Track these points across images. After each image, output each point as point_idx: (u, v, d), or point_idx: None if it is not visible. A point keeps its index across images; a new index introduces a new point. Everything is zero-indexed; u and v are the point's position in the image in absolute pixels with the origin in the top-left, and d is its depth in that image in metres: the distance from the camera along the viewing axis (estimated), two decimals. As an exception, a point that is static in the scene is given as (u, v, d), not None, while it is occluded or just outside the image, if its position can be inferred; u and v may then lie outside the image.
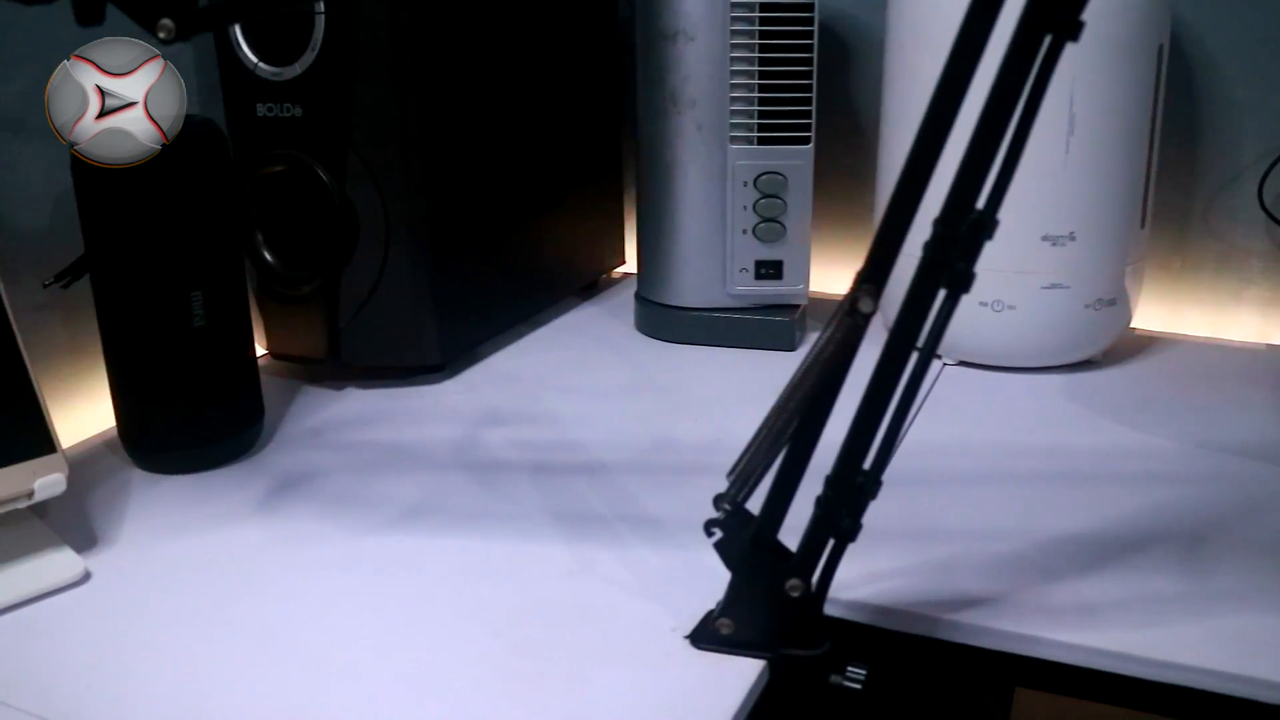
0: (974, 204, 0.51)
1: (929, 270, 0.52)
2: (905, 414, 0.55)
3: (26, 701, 0.60)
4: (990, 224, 0.51)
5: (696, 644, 0.61)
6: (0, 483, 0.69)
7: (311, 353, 1.01)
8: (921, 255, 0.52)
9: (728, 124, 1.04)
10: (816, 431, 0.55)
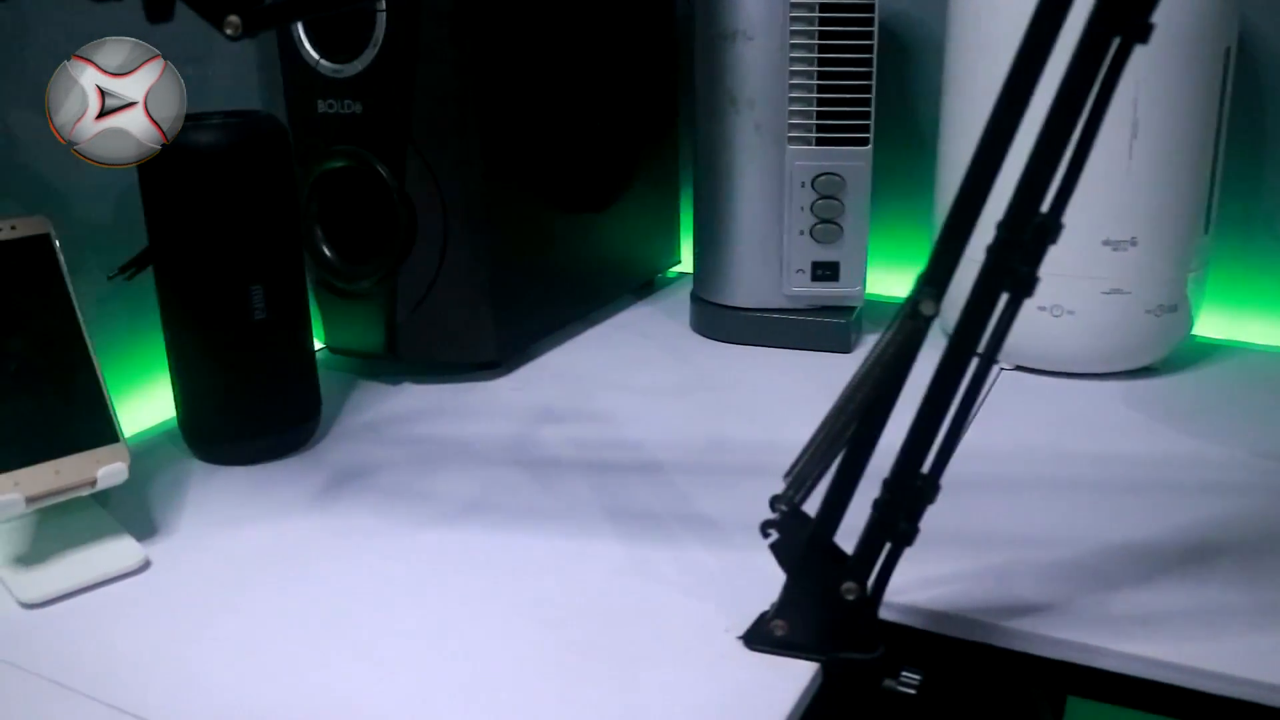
0: (1038, 207, 0.51)
1: (991, 274, 0.52)
2: (965, 418, 0.55)
3: (86, 685, 0.61)
4: (1055, 228, 0.51)
5: (750, 645, 0.61)
6: (64, 470, 0.70)
7: (369, 348, 1.02)
8: (984, 258, 0.52)
9: (786, 124, 1.04)
10: (875, 435, 0.55)
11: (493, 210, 0.98)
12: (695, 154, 1.11)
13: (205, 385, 0.86)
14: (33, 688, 0.61)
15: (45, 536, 0.74)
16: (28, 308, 0.74)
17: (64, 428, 0.72)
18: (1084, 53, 0.48)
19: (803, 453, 0.58)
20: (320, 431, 0.92)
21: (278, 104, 1.03)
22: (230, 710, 0.58)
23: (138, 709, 0.58)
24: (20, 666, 0.63)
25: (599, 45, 1.12)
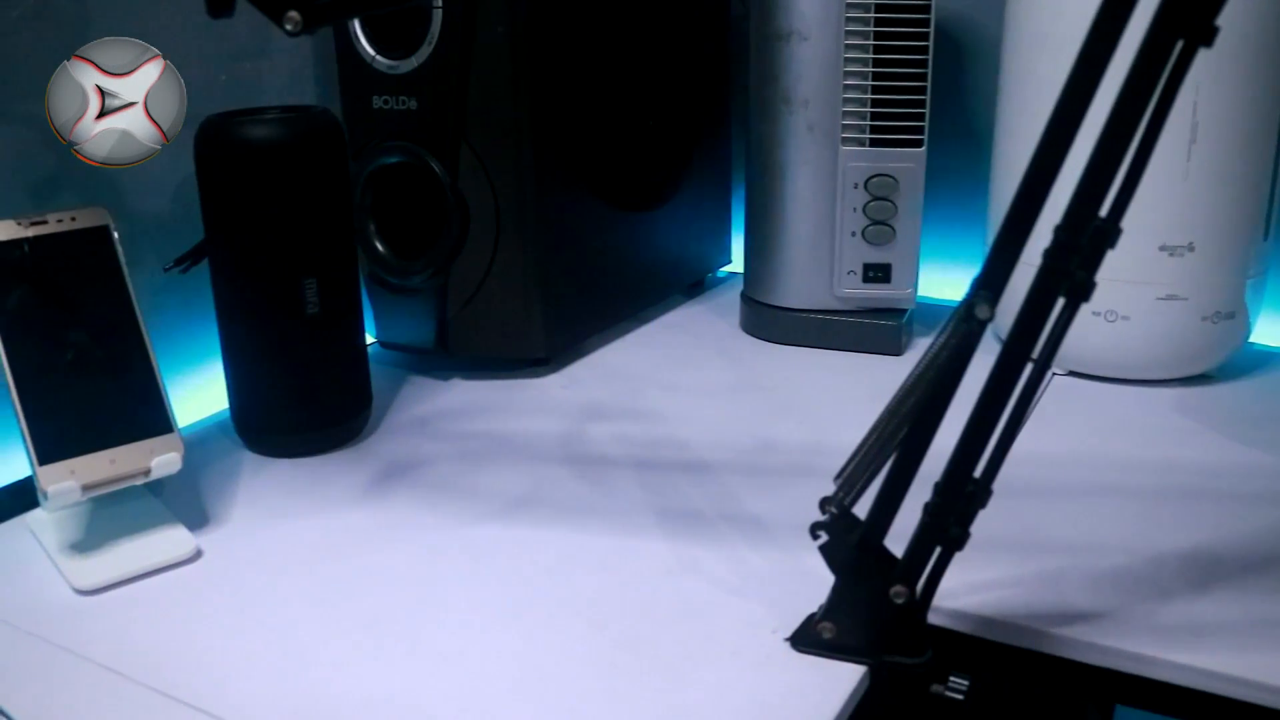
0: (1097, 211, 0.50)
1: (1048, 278, 0.51)
2: (1018, 424, 0.54)
3: (137, 672, 0.61)
4: (1113, 232, 0.50)
5: (797, 647, 0.61)
6: (119, 460, 0.71)
7: (420, 343, 1.02)
8: (1041, 262, 0.52)
9: (840, 125, 1.03)
10: (927, 438, 0.55)
11: (545, 207, 0.98)
12: (748, 154, 1.11)
13: (258, 378, 0.87)
14: (85, 673, 0.62)
15: (99, 524, 0.75)
16: (86, 298, 0.74)
17: (120, 417, 0.73)
18: (1147, 55, 0.48)
19: (853, 455, 0.57)
20: (370, 425, 0.92)
21: (333, 99, 1.03)
22: (280, 700, 0.58)
23: (188, 696, 0.59)
24: (74, 652, 0.64)
25: (653, 44, 1.12)
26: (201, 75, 0.99)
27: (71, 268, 0.74)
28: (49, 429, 0.70)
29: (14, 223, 0.73)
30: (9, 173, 0.86)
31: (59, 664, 0.63)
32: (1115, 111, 0.49)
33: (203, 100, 0.93)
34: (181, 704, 0.59)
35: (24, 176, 0.87)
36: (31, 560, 0.74)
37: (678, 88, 1.17)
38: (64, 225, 0.75)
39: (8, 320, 0.71)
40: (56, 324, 0.73)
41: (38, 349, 0.71)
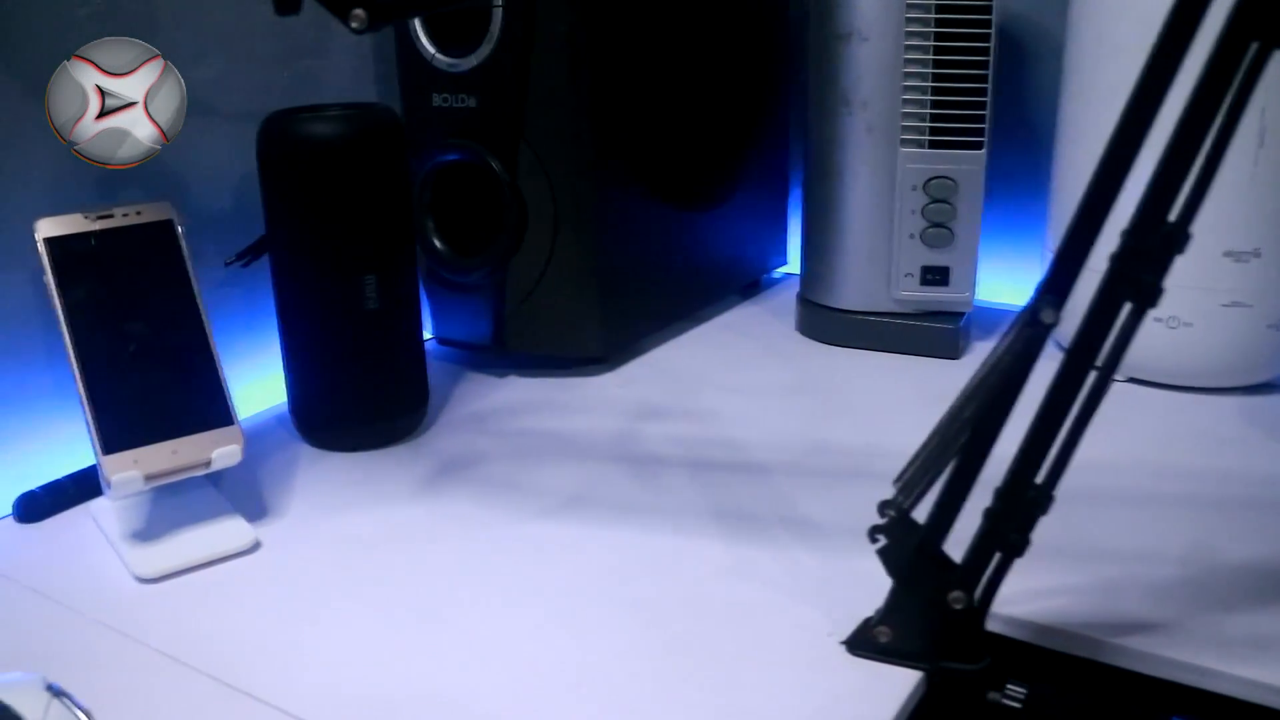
0: (1166, 216, 0.50)
1: (1115, 283, 0.51)
2: (1081, 430, 0.54)
3: (195, 659, 0.62)
4: (1183, 237, 0.50)
5: (853, 651, 0.60)
6: (181, 451, 0.72)
7: (476, 339, 1.03)
8: (1108, 267, 0.51)
9: (899, 126, 1.03)
10: (989, 444, 0.54)
11: (603, 206, 0.98)
12: (806, 155, 1.11)
13: (317, 372, 0.87)
14: (144, 659, 0.63)
15: (160, 514, 0.75)
16: (150, 291, 0.75)
17: (182, 409, 0.73)
18: (1221, 58, 0.47)
19: (913, 459, 0.57)
20: (427, 421, 0.93)
21: (393, 97, 1.04)
22: (335, 691, 0.59)
23: (245, 685, 0.60)
24: (133, 638, 0.64)
25: (712, 44, 1.12)
26: (263, 72, 1.00)
27: (136, 261, 0.75)
28: (113, 419, 0.71)
29: (81, 216, 0.74)
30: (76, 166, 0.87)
31: (120, 649, 0.64)
32: (1187, 114, 0.48)
33: (265, 97, 0.94)
34: (238, 692, 0.59)
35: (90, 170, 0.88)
36: (94, 547, 0.75)
37: (736, 87, 1.17)
38: (129, 219, 0.76)
39: (74, 311, 0.72)
40: (120, 316, 0.74)
41: (102, 340, 0.72)
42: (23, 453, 0.86)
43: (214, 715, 0.58)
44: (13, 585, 0.71)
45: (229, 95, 0.98)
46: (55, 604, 0.69)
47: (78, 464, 0.83)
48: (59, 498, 0.81)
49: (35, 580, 0.72)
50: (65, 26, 0.86)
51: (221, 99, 0.97)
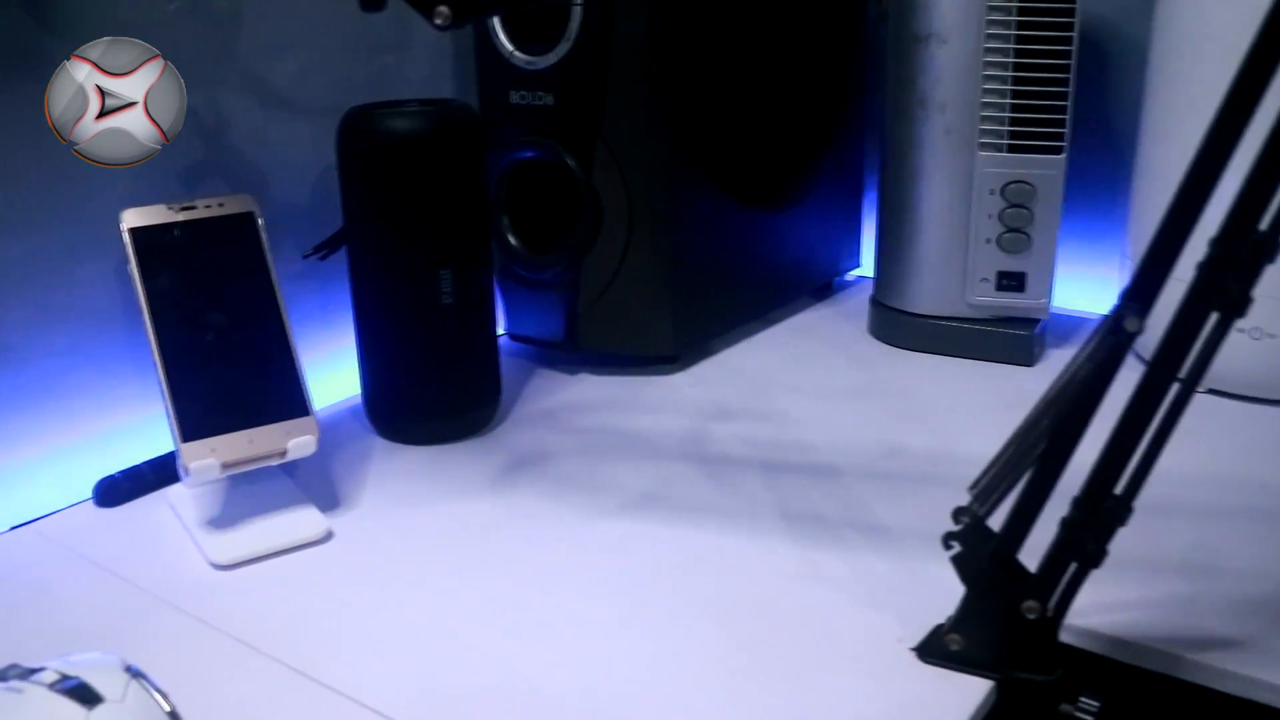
0: (1256, 224, 0.49)
1: (1202, 293, 0.50)
2: (1163, 442, 0.53)
3: (267, 646, 0.63)
4: (1274, 247, 0.49)
5: (923, 657, 0.60)
6: (257, 440, 0.73)
7: (549, 336, 1.03)
8: (1195, 276, 0.50)
9: (977, 130, 1.01)
10: (1068, 453, 0.53)
11: (678, 205, 0.98)
12: (882, 157, 1.10)
13: (391, 365, 0.88)
14: (218, 644, 0.64)
15: (236, 502, 0.77)
16: (230, 282, 0.77)
17: (259, 399, 0.74)
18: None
19: (989, 466, 0.56)
20: (499, 416, 0.93)
21: (470, 94, 1.05)
22: (403, 682, 0.60)
23: (316, 672, 0.60)
24: (208, 623, 0.66)
25: (789, 45, 1.12)
26: (343, 68, 1.01)
27: (217, 252, 0.77)
28: (192, 407, 0.72)
29: (165, 207, 0.76)
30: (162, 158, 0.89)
31: (194, 634, 0.65)
32: (1280, 122, 0.47)
33: (344, 92, 0.95)
34: (308, 679, 0.60)
35: (175, 162, 0.90)
36: (170, 533, 0.76)
37: (813, 88, 1.17)
38: (212, 211, 0.77)
39: (157, 300, 0.73)
40: (201, 306, 0.75)
41: (183, 329, 0.74)
42: (103, 438, 0.87)
43: (287, 702, 0.58)
44: (92, 567, 0.73)
45: (309, 90, 0.99)
46: (132, 587, 0.70)
47: (156, 451, 0.85)
48: (137, 483, 0.82)
49: (113, 563, 0.73)
50: (154, 21, 0.87)
51: (302, 94, 0.99)
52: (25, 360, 0.83)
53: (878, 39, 1.20)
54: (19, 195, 0.81)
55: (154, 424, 0.85)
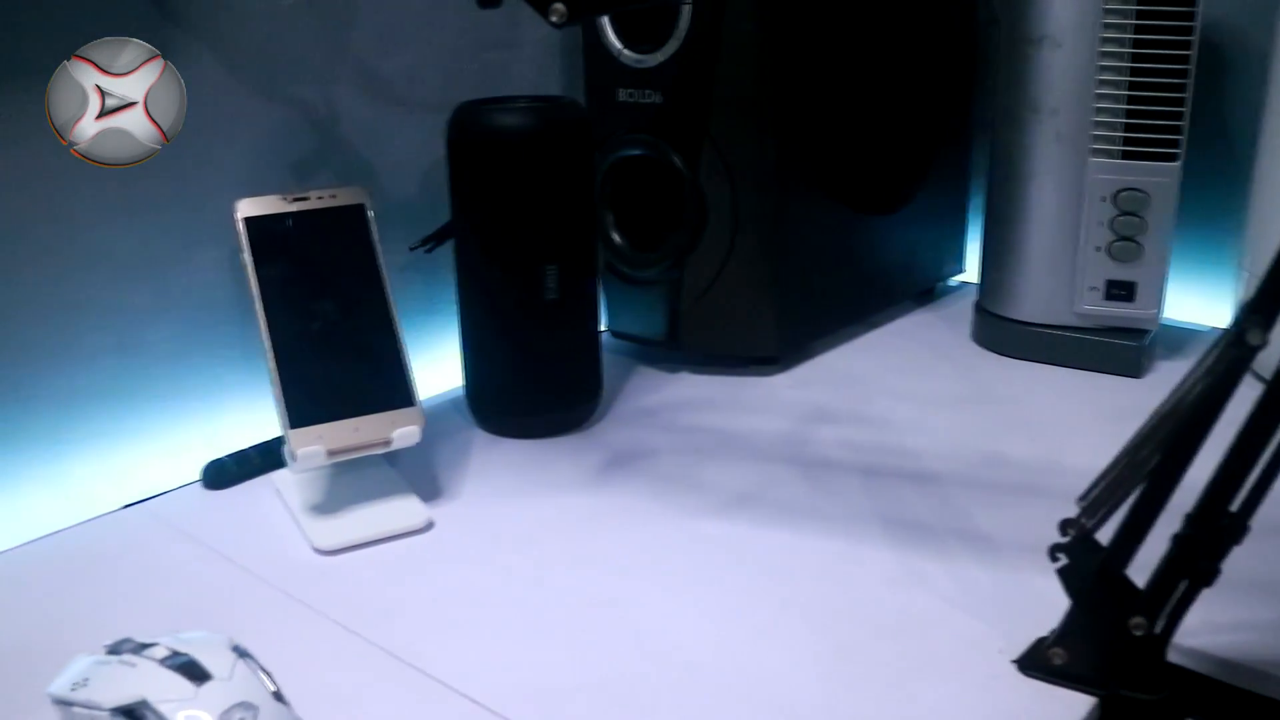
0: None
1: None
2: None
3: (368, 631, 0.64)
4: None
5: (1025, 670, 0.59)
6: (363, 429, 0.74)
7: (650, 334, 1.04)
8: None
9: (1090, 135, 1.00)
10: (1182, 468, 0.52)
11: (783, 206, 0.98)
12: (991, 162, 1.08)
13: (495, 359, 0.89)
14: (321, 628, 0.65)
15: (339, 489, 0.78)
16: (339, 272, 0.78)
17: (365, 388, 0.76)
18: None
19: (1099, 478, 0.55)
20: (599, 413, 0.94)
21: (576, 91, 1.05)
22: (499, 673, 0.60)
23: (415, 659, 0.61)
24: (311, 606, 0.67)
25: (898, 47, 1.11)
26: (453, 64, 1.03)
27: (328, 242, 0.78)
28: (300, 395, 0.73)
29: (279, 197, 0.77)
30: (277, 150, 0.91)
31: (298, 616, 0.66)
32: None
33: (453, 88, 0.97)
34: (408, 665, 0.61)
35: (290, 154, 0.92)
36: (275, 517, 0.78)
37: (921, 90, 1.15)
38: (324, 202, 0.78)
39: (268, 289, 0.74)
40: (311, 295, 0.76)
41: (293, 318, 0.75)
42: (211, 422, 0.90)
43: (385, 687, 0.59)
44: (200, 548, 0.74)
45: (419, 85, 1.00)
46: (238, 568, 0.72)
47: (262, 436, 0.86)
48: (245, 467, 0.84)
49: (220, 544, 0.75)
50: (271, 13, 0.89)
51: (412, 88, 1.00)
52: (141, 345, 0.85)
53: (988, 42, 1.18)
54: (137, 183, 0.83)
55: (261, 410, 0.87)
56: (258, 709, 0.51)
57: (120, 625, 0.59)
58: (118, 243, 0.83)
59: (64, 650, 0.58)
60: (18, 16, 0.76)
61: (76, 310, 0.82)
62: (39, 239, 0.79)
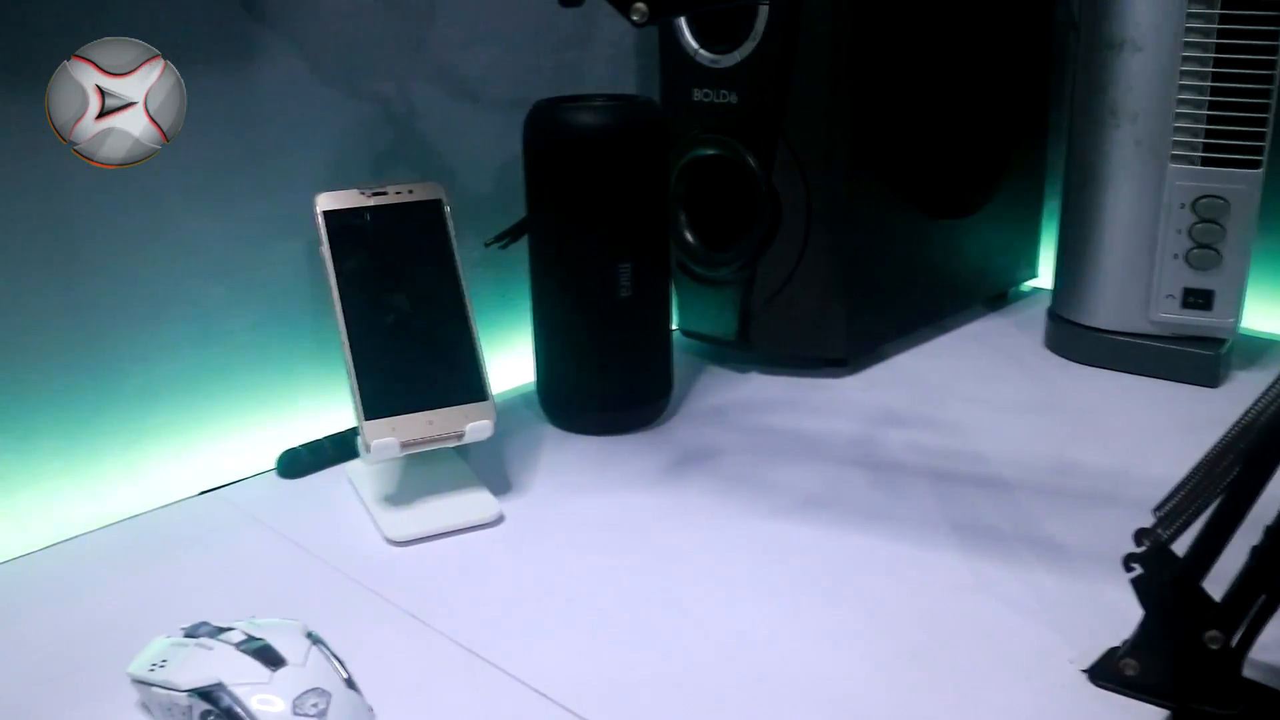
0: None
1: None
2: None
3: (438, 622, 0.65)
4: None
5: (1095, 680, 0.58)
6: (436, 422, 0.75)
7: (721, 334, 1.04)
8: None
9: (1170, 141, 0.98)
10: (1263, 480, 0.52)
11: (856, 208, 0.98)
12: (1067, 166, 1.07)
13: (567, 355, 0.90)
14: (392, 617, 0.66)
15: (411, 481, 0.79)
16: (415, 266, 0.79)
17: (439, 382, 0.76)
18: None
19: (1177, 489, 0.55)
20: (669, 411, 0.94)
21: (651, 90, 1.06)
22: (567, 667, 0.61)
23: (484, 651, 0.62)
24: (383, 596, 0.68)
25: (974, 50, 1.10)
26: (529, 62, 1.03)
27: (405, 237, 0.79)
28: (375, 386, 0.74)
29: (357, 191, 0.78)
30: (356, 145, 0.92)
31: (369, 605, 0.67)
32: None
33: (529, 86, 0.97)
34: (477, 657, 0.62)
35: (368, 149, 0.93)
36: (348, 507, 0.79)
37: (996, 94, 1.14)
38: (401, 197, 0.79)
39: (346, 281, 0.76)
40: (388, 288, 0.77)
41: (369, 310, 0.76)
42: (286, 412, 0.91)
43: (455, 678, 0.60)
44: (274, 535, 0.76)
45: (496, 82, 1.01)
46: (310, 556, 0.73)
47: (335, 426, 0.88)
48: (318, 457, 0.85)
49: (294, 532, 0.76)
50: (354, 10, 0.90)
51: (489, 85, 1.01)
52: (220, 333, 0.87)
53: (1066, 45, 1.17)
54: (220, 172, 0.85)
55: (335, 401, 0.88)
56: (330, 695, 0.52)
57: (195, 608, 0.61)
58: (200, 235, 0.85)
59: (141, 631, 0.60)
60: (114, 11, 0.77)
61: (158, 302, 0.83)
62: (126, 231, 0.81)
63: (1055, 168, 1.17)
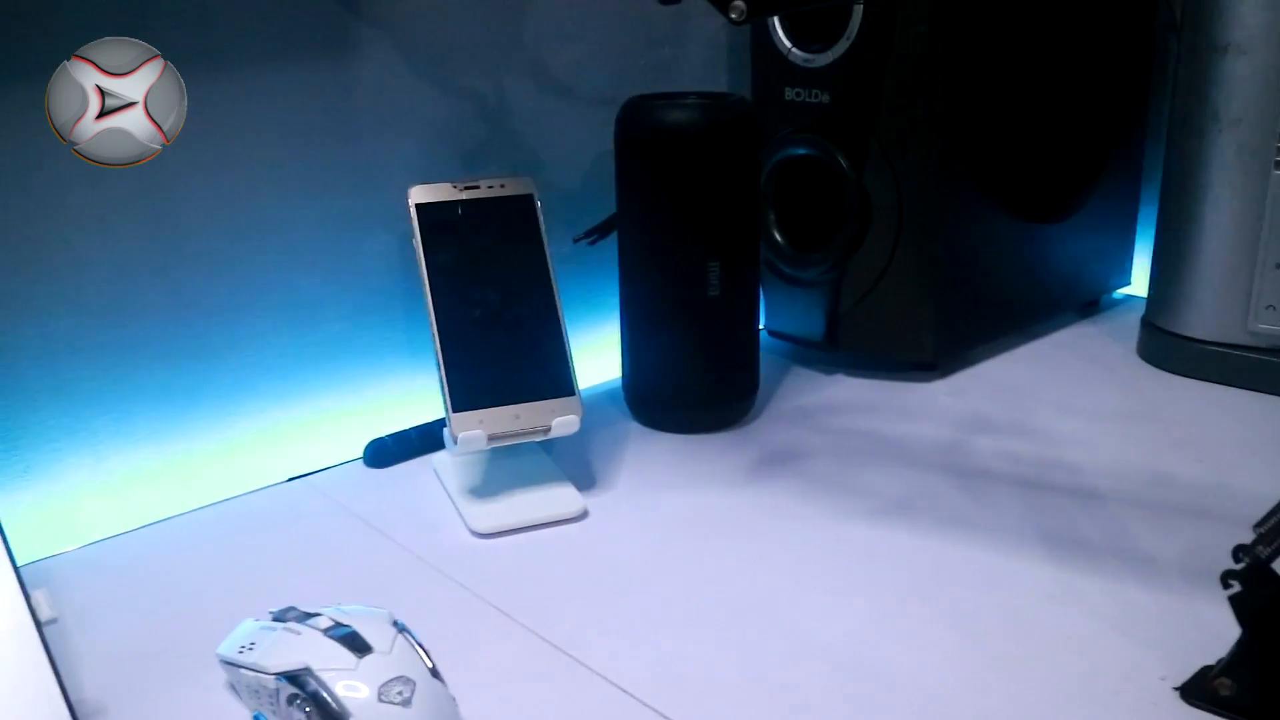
0: None
1: None
2: None
3: (522, 615, 0.65)
4: None
5: (1188, 699, 0.57)
6: (523, 416, 0.75)
7: (808, 335, 1.03)
8: None
9: (1274, 148, 0.96)
10: (1370, 497, 0.50)
11: (947, 211, 0.97)
12: (1165, 172, 1.05)
13: (654, 353, 0.90)
14: (476, 608, 0.66)
15: (497, 474, 0.79)
16: (506, 261, 0.79)
17: (527, 376, 0.77)
18: None
19: (1277, 507, 0.53)
20: (755, 410, 0.94)
21: (742, 88, 1.05)
22: (649, 664, 0.61)
23: (566, 645, 0.62)
24: (467, 588, 0.68)
25: (1071, 52, 1.08)
26: (621, 59, 1.04)
27: (496, 231, 0.79)
28: (463, 379, 0.75)
29: (450, 185, 0.79)
30: (449, 139, 0.93)
31: (453, 596, 0.68)
32: None
33: (621, 83, 0.97)
34: (560, 652, 0.62)
35: (461, 144, 0.94)
36: (433, 498, 0.80)
37: (1093, 98, 1.12)
38: (493, 191, 0.80)
39: (437, 274, 0.76)
40: (478, 281, 0.78)
41: (459, 303, 0.77)
42: (374, 402, 0.92)
43: (536, 670, 0.60)
44: (360, 524, 0.77)
45: (588, 79, 1.01)
46: (396, 545, 0.74)
47: (422, 418, 0.88)
48: (405, 447, 0.86)
49: (379, 521, 0.77)
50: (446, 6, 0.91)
51: (581, 82, 1.01)
52: (313, 323, 0.88)
53: (1166, 49, 1.15)
54: (317, 163, 0.86)
55: (421, 392, 0.89)
56: (415, 684, 0.53)
57: (282, 593, 0.62)
58: (294, 226, 0.86)
59: (230, 613, 0.61)
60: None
61: (252, 291, 0.85)
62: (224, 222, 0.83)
63: (1152, 173, 1.15)
